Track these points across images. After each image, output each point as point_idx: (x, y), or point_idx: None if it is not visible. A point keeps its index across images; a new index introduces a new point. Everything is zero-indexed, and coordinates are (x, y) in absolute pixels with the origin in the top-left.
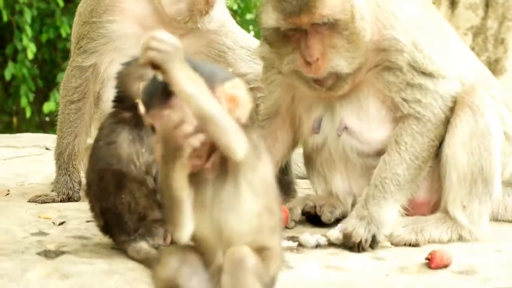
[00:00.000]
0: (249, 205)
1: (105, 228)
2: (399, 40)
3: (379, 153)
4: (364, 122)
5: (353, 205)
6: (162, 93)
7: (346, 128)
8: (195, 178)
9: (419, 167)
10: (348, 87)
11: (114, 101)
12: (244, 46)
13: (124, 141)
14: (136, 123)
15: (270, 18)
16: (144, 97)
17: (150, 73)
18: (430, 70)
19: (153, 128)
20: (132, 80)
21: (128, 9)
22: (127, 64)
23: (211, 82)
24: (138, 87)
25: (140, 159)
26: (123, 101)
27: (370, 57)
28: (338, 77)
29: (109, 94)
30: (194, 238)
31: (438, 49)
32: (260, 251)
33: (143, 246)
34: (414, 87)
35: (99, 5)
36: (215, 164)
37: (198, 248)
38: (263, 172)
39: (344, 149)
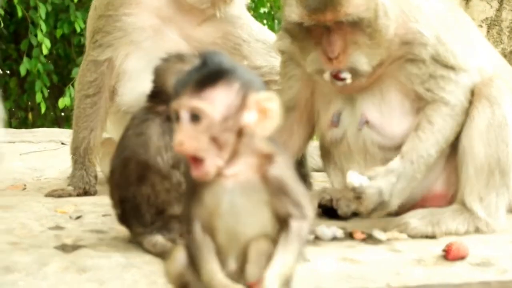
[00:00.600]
0: (266, 215)
1: (122, 218)
2: (423, 33)
3: (400, 146)
4: (386, 115)
5: None
6: (198, 82)
7: (367, 122)
8: (213, 189)
9: (442, 152)
10: (366, 81)
11: (150, 95)
12: (260, 39)
13: (154, 133)
14: (169, 117)
15: (294, 13)
16: (179, 83)
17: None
18: (452, 63)
19: (177, 117)
20: (169, 75)
21: (145, 1)
22: (166, 60)
23: (246, 88)
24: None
25: (168, 153)
26: (158, 95)
27: (393, 50)
28: (357, 73)
29: (125, 88)
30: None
31: (460, 42)
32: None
33: (159, 239)
34: (437, 78)
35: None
36: (236, 175)
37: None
38: None
39: (364, 143)
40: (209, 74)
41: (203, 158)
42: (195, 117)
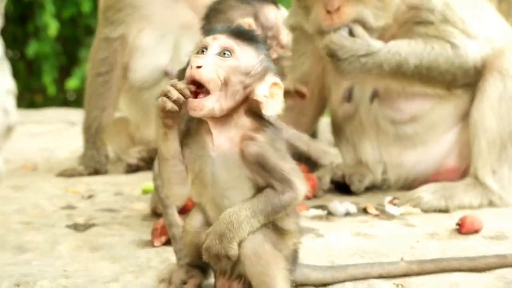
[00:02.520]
0: (252, 194)
1: None
2: None
3: (412, 119)
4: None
5: (383, 173)
6: (238, 32)
7: (377, 95)
8: (202, 151)
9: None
10: None
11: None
12: None
13: None
14: None
15: None
16: (217, 26)
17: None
18: (461, 28)
19: (202, 50)
20: (221, 22)
21: None
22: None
23: (268, 65)
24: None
25: None
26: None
27: (400, 15)
28: (365, 25)
29: (138, 64)
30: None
31: (469, 10)
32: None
33: None
34: (449, 32)
35: None
36: (219, 146)
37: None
38: None
39: (376, 117)
40: (249, 32)
41: (210, 91)
42: (224, 53)
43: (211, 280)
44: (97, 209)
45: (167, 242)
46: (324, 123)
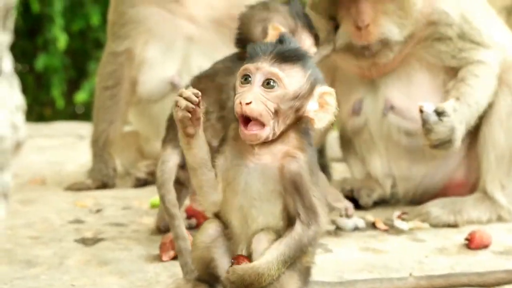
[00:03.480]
0: (278, 210)
1: None
2: (448, 13)
3: None
4: (413, 98)
5: (392, 187)
6: (280, 54)
7: (392, 107)
8: (239, 162)
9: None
10: (392, 63)
11: (236, 42)
12: None
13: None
14: None
15: None
16: (258, 48)
17: (273, 16)
18: (478, 40)
19: (245, 78)
20: (254, 23)
21: None
22: (251, 7)
23: (316, 78)
24: (260, 30)
25: None
26: (243, 42)
27: (419, 30)
28: (387, 44)
29: (145, 77)
30: (224, 222)
31: (484, 22)
32: None
33: None
34: (467, 50)
35: None
36: (260, 157)
37: (226, 234)
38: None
39: (388, 129)
40: (291, 51)
41: (264, 123)
42: (270, 84)
43: None
44: (105, 223)
45: (176, 257)
46: (332, 137)
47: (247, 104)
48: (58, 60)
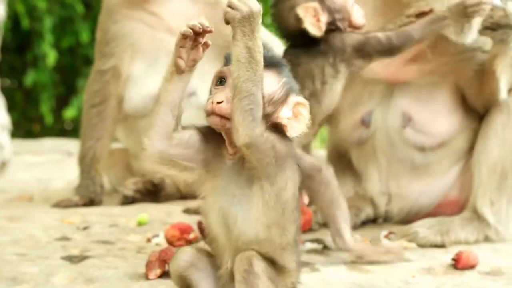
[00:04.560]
0: (257, 213)
1: None
2: None
3: (440, 145)
4: (434, 110)
5: (386, 204)
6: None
7: (410, 120)
8: (218, 160)
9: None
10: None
11: (283, 37)
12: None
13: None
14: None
15: None
16: None
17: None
18: None
19: (220, 80)
20: (285, 15)
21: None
22: (275, 3)
23: (290, 87)
24: (293, 19)
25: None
26: (288, 36)
27: None
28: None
29: (131, 92)
30: (208, 234)
31: None
32: (272, 263)
33: None
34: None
35: (105, 9)
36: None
37: (210, 249)
38: (282, 187)
39: (399, 143)
40: (267, 57)
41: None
42: None
43: None
44: (92, 240)
45: (162, 275)
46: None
47: (218, 103)
48: (47, 76)
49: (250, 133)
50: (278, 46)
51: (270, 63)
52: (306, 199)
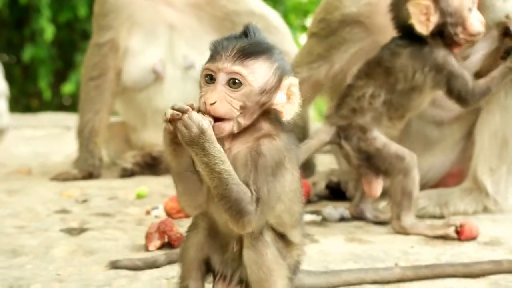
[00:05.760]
0: None
1: None
2: None
3: (456, 119)
4: None
5: None
6: (242, 50)
7: None
8: None
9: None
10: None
11: (395, 27)
12: (256, 13)
13: (405, 56)
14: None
15: None
16: (219, 45)
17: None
18: None
19: (209, 77)
20: (399, 8)
21: None
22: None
23: (282, 70)
24: (407, 13)
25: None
26: (401, 28)
27: None
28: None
29: (129, 66)
30: (209, 222)
31: None
32: (281, 236)
33: None
34: None
35: None
36: (230, 147)
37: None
38: (285, 179)
39: (415, 118)
40: (254, 45)
41: (228, 119)
42: (234, 82)
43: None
44: (91, 213)
45: (162, 246)
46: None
47: (212, 104)
48: (45, 51)
49: (245, 224)
50: (273, 17)
51: (260, 50)
52: (379, 185)
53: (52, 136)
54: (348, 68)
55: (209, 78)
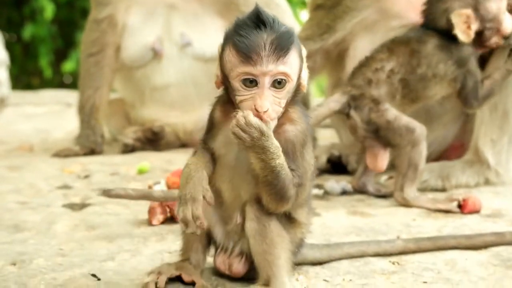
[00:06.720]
0: None
1: None
2: None
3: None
4: None
5: None
6: (278, 47)
7: None
8: (229, 139)
9: None
10: None
11: (424, 25)
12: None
13: (432, 45)
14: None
15: None
16: (252, 47)
17: (451, 4)
18: None
19: (250, 81)
20: (438, 15)
21: None
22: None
23: (300, 47)
24: (444, 21)
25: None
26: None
27: None
28: None
29: (127, 42)
30: (215, 190)
31: None
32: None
33: None
34: None
35: None
36: None
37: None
38: (310, 157)
39: None
40: (281, 37)
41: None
42: (280, 82)
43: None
44: (93, 189)
45: (164, 221)
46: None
47: (265, 112)
48: (45, 30)
49: (284, 206)
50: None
51: (288, 41)
52: (385, 158)
53: (53, 113)
54: (352, 37)
55: (249, 82)
